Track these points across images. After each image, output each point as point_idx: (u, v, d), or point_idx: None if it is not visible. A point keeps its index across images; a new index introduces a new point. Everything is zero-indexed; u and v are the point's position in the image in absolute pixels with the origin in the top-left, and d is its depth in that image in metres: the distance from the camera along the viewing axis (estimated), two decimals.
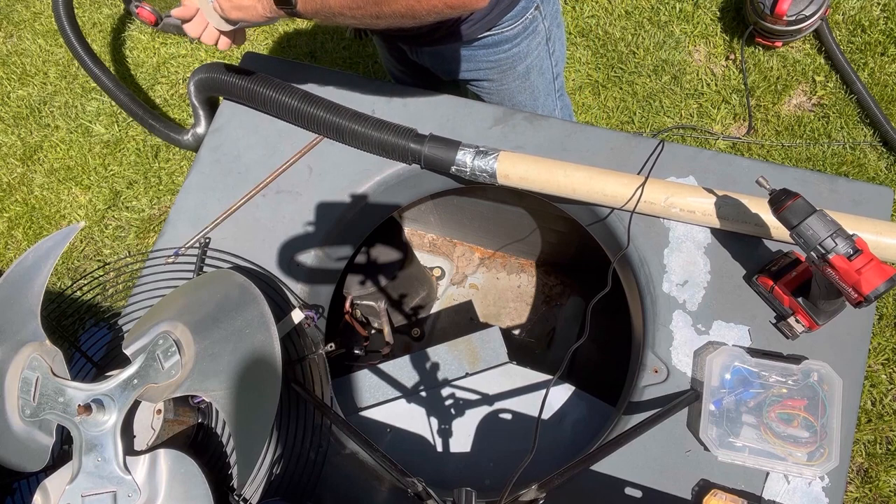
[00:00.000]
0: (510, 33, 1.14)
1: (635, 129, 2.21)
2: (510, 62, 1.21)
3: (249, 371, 0.83)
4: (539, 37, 1.20)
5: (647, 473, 0.89)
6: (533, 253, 1.85)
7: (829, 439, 0.84)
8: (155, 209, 2.45)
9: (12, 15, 2.94)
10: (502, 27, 1.13)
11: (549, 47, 1.25)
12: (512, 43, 1.17)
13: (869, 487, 1.69)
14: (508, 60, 1.20)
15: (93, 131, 2.60)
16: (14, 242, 2.51)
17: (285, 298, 1.04)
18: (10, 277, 0.97)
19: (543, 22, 1.18)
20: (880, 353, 1.81)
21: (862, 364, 0.91)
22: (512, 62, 1.21)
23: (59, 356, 0.90)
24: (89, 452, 0.84)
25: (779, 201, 0.81)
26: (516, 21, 1.13)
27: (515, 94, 1.29)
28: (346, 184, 1.13)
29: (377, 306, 1.53)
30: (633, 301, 1.04)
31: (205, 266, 1.09)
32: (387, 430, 1.10)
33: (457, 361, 1.16)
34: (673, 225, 1.01)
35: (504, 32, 1.14)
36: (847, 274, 0.75)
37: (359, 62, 2.50)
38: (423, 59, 1.25)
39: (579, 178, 0.99)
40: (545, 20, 1.18)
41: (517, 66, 1.22)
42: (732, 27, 2.23)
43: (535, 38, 1.19)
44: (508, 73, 1.23)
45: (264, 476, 0.92)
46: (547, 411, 1.06)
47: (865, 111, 2.04)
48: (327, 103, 1.11)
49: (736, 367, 0.89)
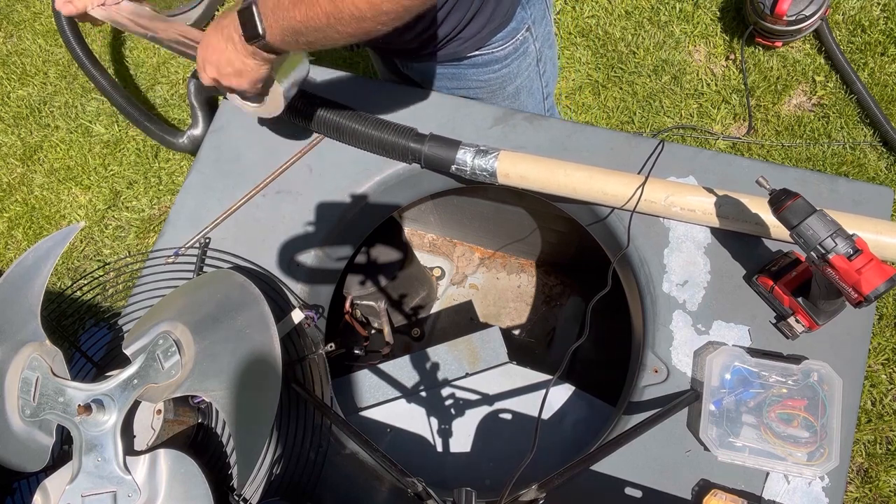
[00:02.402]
0: (500, 54, 1.13)
1: (635, 129, 2.21)
2: (499, 82, 1.19)
3: (249, 371, 0.83)
4: (529, 58, 1.18)
5: (647, 473, 0.89)
6: (533, 253, 1.85)
7: (829, 439, 0.84)
8: (155, 209, 2.45)
9: (12, 15, 2.94)
10: (492, 47, 1.11)
11: (540, 68, 1.23)
12: (501, 63, 1.15)
13: (869, 487, 1.69)
14: (498, 80, 1.18)
15: (93, 131, 2.60)
16: (14, 242, 2.51)
17: (285, 298, 1.04)
18: (10, 277, 0.97)
19: (534, 43, 1.16)
20: (880, 353, 1.81)
21: (862, 364, 0.91)
22: (501, 82, 1.19)
23: (59, 356, 0.90)
24: (89, 452, 0.84)
25: (779, 201, 0.81)
26: (506, 42, 1.11)
27: None
28: (346, 184, 1.13)
29: (377, 306, 1.53)
30: (633, 301, 1.04)
31: (205, 266, 1.09)
32: (387, 430, 1.10)
33: (457, 361, 1.16)
34: (673, 225, 1.01)
35: (494, 53, 1.12)
36: (847, 274, 0.75)
37: (359, 62, 2.51)
38: (413, 74, 1.23)
39: (579, 178, 0.99)
40: (536, 41, 1.17)
41: (507, 87, 1.21)
42: (732, 27, 2.23)
43: (525, 59, 1.18)
44: (497, 93, 1.21)
45: (264, 476, 0.92)
46: (547, 411, 1.06)
47: (865, 111, 2.04)
48: (328, 102, 1.11)
49: (736, 367, 0.89)
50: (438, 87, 1.22)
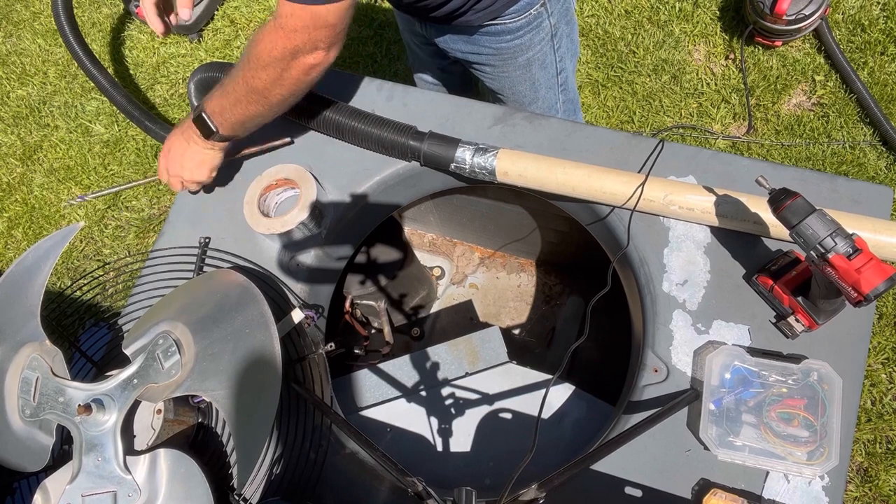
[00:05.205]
0: (512, 26, 1.17)
1: (635, 129, 2.21)
2: (511, 52, 1.24)
3: (249, 371, 0.83)
4: (543, 32, 1.22)
5: (647, 473, 0.89)
6: (533, 252, 1.85)
7: (829, 438, 0.84)
8: (155, 209, 2.45)
9: (12, 14, 2.94)
10: (505, 19, 1.15)
11: (555, 43, 1.27)
12: (514, 35, 1.19)
13: (869, 486, 1.69)
14: (510, 50, 1.23)
15: (92, 131, 2.60)
16: (14, 242, 2.51)
17: (285, 298, 1.04)
18: (9, 277, 0.97)
19: (549, 19, 1.21)
20: (880, 352, 1.81)
21: (862, 363, 0.91)
22: (513, 52, 1.24)
23: (59, 356, 0.90)
24: (89, 452, 0.84)
25: (778, 200, 0.81)
26: (520, 15, 1.15)
27: (516, 83, 1.32)
28: (346, 183, 1.13)
29: (377, 306, 1.53)
30: (633, 300, 1.04)
31: (205, 266, 1.09)
32: (387, 429, 1.10)
33: (457, 361, 1.16)
34: (673, 224, 1.01)
35: (507, 24, 1.17)
36: (847, 273, 0.75)
37: (358, 61, 2.51)
38: (430, 34, 1.29)
39: (578, 176, 0.99)
40: (551, 17, 1.21)
41: (518, 57, 1.25)
42: (732, 26, 2.23)
43: (538, 33, 1.22)
44: (509, 62, 1.26)
45: (264, 476, 0.92)
46: (547, 411, 1.06)
47: (865, 110, 2.04)
48: (327, 101, 1.11)
49: (736, 367, 0.89)
50: (453, 49, 1.28)
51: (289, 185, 1.09)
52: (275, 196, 1.11)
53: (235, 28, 2.70)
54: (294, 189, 1.09)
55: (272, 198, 1.11)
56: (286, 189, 1.11)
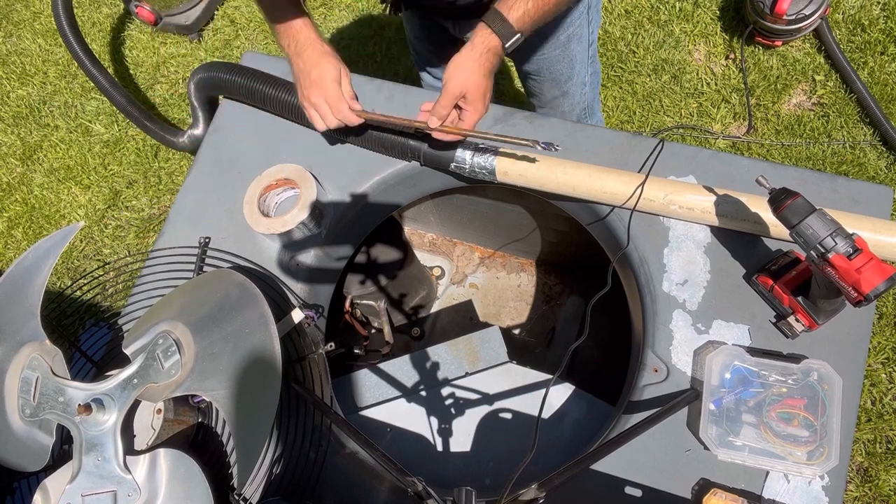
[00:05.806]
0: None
1: (635, 129, 2.21)
2: (553, 30, 1.22)
3: (249, 371, 0.83)
4: (582, 6, 1.22)
5: (647, 473, 0.89)
6: (533, 252, 1.85)
7: (829, 438, 0.84)
8: (155, 209, 2.45)
9: (12, 14, 2.94)
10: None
11: (589, 16, 1.26)
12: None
13: (869, 486, 1.69)
14: (552, 28, 1.21)
15: (92, 131, 2.60)
16: (14, 242, 2.51)
17: (285, 298, 1.04)
18: (9, 277, 0.97)
19: None
20: (880, 352, 1.81)
21: (862, 363, 0.91)
22: (555, 30, 1.22)
23: (59, 356, 0.90)
24: (89, 452, 0.84)
25: (778, 200, 0.81)
26: None
27: (555, 62, 1.30)
28: (346, 183, 1.13)
29: (377, 306, 1.53)
30: (633, 300, 1.04)
31: (205, 266, 1.09)
32: (387, 429, 1.10)
33: (457, 361, 1.16)
34: (673, 224, 1.01)
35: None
36: (847, 273, 0.75)
37: (358, 61, 2.50)
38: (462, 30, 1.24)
39: (578, 176, 0.99)
40: None
41: (560, 35, 1.24)
42: (732, 26, 2.23)
43: (578, 7, 1.21)
44: (550, 40, 1.25)
45: (264, 476, 0.92)
46: (547, 411, 1.06)
47: (865, 110, 2.04)
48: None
49: (736, 367, 0.89)
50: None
51: (289, 184, 1.09)
52: (275, 196, 1.11)
53: (235, 28, 2.70)
54: (294, 189, 1.09)
55: (272, 198, 1.11)
56: (286, 189, 1.11)
